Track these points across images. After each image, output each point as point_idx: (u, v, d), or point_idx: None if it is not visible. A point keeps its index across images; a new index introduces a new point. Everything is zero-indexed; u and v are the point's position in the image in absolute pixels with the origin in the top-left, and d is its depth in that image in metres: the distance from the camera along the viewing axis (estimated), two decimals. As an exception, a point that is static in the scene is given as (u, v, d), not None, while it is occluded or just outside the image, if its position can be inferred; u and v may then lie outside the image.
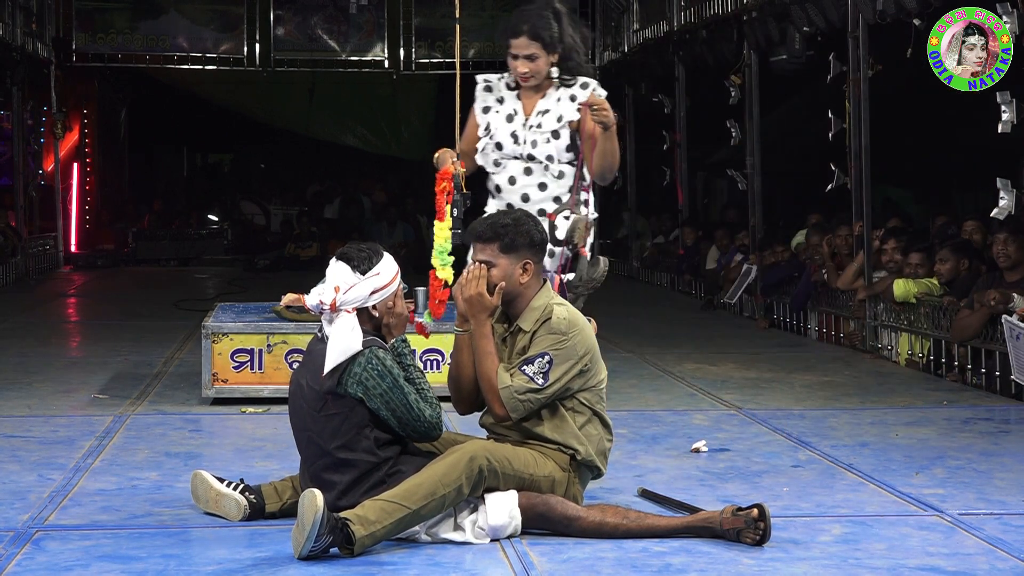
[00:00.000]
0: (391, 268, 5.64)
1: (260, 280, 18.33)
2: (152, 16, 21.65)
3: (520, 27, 6.70)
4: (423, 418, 5.49)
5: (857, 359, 11.12)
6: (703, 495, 6.22)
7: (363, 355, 5.46)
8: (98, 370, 10.20)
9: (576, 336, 5.67)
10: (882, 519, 5.91)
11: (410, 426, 5.49)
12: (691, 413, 8.57)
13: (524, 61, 6.68)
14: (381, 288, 5.58)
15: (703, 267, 16.34)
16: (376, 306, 5.59)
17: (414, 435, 5.54)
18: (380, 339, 5.60)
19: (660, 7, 18.37)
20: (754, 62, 14.44)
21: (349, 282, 5.55)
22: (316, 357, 5.57)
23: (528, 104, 6.79)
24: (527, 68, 6.68)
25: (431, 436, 5.56)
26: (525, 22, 6.71)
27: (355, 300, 5.54)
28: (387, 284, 5.61)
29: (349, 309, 5.53)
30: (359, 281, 5.55)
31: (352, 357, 5.45)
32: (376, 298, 5.58)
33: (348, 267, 5.58)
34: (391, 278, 5.62)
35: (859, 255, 11.76)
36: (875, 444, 7.52)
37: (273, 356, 8.73)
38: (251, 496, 5.77)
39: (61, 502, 6.13)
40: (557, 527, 5.51)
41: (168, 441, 7.60)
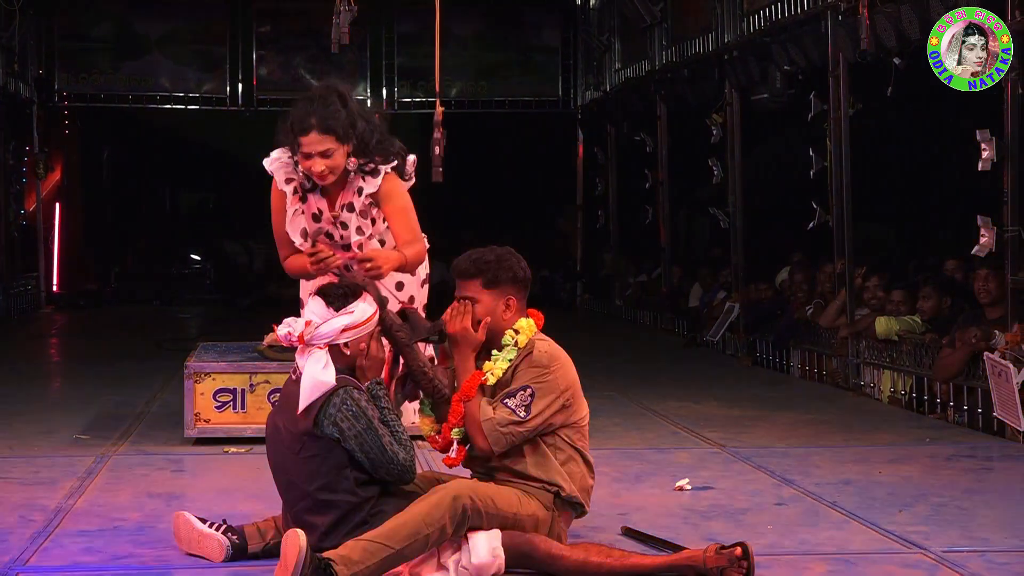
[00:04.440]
0: (367, 310, 5.62)
1: (242, 320, 18.29)
2: (134, 56, 21.66)
3: (307, 122, 6.18)
4: (396, 460, 5.47)
5: (840, 396, 11.12)
6: (687, 533, 6.22)
7: (337, 395, 5.45)
8: (80, 410, 10.16)
9: (558, 370, 5.67)
10: (866, 557, 5.90)
11: (383, 468, 5.47)
12: (674, 451, 8.57)
13: (319, 159, 6.23)
14: (353, 327, 5.57)
15: (685, 305, 16.35)
16: (348, 344, 5.58)
17: (387, 477, 5.51)
18: (354, 379, 5.59)
19: (642, 46, 18.45)
20: (735, 101, 14.48)
21: (322, 317, 5.55)
22: (291, 399, 5.56)
23: (331, 198, 6.48)
24: (323, 166, 6.26)
25: (404, 479, 5.53)
26: (311, 115, 6.18)
27: (325, 336, 5.53)
28: (360, 324, 5.59)
29: (320, 344, 5.52)
30: (331, 317, 5.55)
31: (327, 397, 5.44)
32: (348, 336, 5.57)
33: (323, 302, 5.59)
34: (365, 319, 5.61)
35: (841, 292, 11.79)
36: (858, 481, 7.51)
37: (256, 396, 8.70)
38: (234, 536, 5.75)
39: (43, 543, 6.10)
40: (541, 566, 5.49)
41: (150, 481, 7.57)
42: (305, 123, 6.17)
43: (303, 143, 6.21)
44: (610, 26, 20.33)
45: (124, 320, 19.28)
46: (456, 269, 5.79)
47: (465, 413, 5.65)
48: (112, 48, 21.67)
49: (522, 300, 5.80)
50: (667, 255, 17.81)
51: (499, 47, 22.26)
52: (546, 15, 22.40)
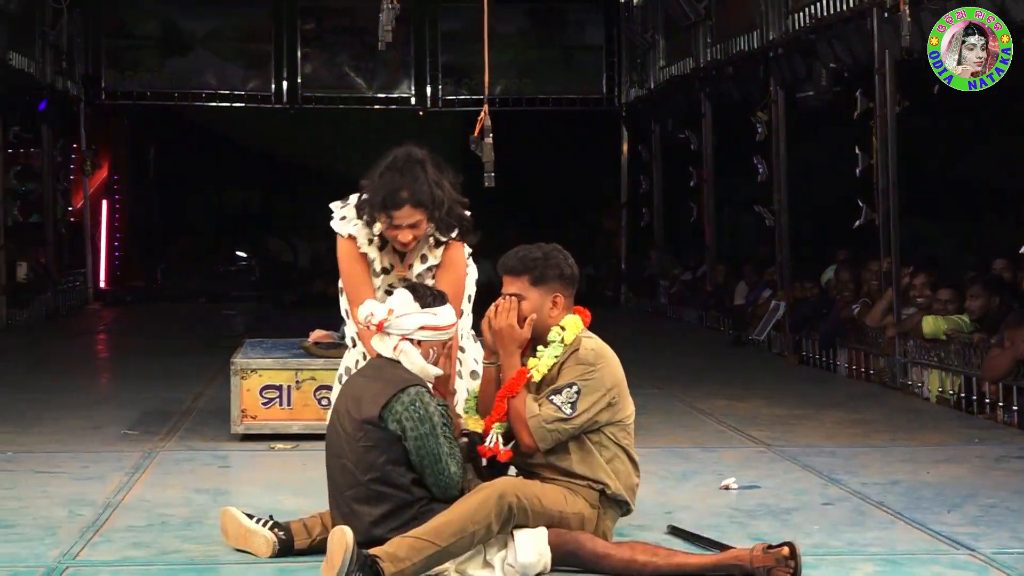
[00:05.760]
0: (449, 318, 5.66)
1: (288, 316, 18.34)
2: (180, 54, 21.78)
3: (400, 196, 6.14)
4: (448, 472, 5.47)
5: (887, 396, 11.07)
6: (733, 532, 6.20)
7: (407, 393, 5.47)
8: (128, 406, 10.22)
9: (604, 368, 5.66)
10: (914, 557, 5.87)
11: (432, 477, 5.47)
12: (720, 450, 8.54)
13: (408, 230, 6.19)
14: (432, 328, 5.61)
15: (731, 303, 16.31)
16: (420, 343, 5.60)
17: (433, 487, 5.50)
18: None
19: (686, 44, 18.41)
20: (780, 98, 14.44)
21: (405, 308, 5.58)
22: (357, 387, 5.61)
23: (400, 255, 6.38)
24: (411, 237, 6.20)
25: (448, 493, 5.50)
26: (403, 189, 6.15)
27: (404, 328, 5.57)
28: (439, 327, 5.64)
29: (398, 336, 5.54)
30: (414, 311, 5.57)
31: (396, 393, 5.46)
32: (424, 335, 5.60)
33: (410, 296, 5.63)
34: (445, 325, 5.65)
35: (888, 291, 11.73)
36: (906, 481, 7.47)
37: (301, 392, 8.73)
38: (280, 532, 5.76)
39: (91, 538, 6.13)
40: (586, 564, 5.48)
41: (197, 477, 7.60)
42: (398, 198, 6.14)
43: (395, 216, 6.17)
44: (654, 23, 20.30)
45: (170, 317, 19.38)
46: (503, 266, 5.79)
47: (510, 410, 5.65)
48: (158, 46, 21.79)
49: (569, 297, 5.79)
50: (712, 253, 17.79)
51: (543, 45, 22.26)
52: (590, 13, 22.38)
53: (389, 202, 6.14)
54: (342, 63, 22.05)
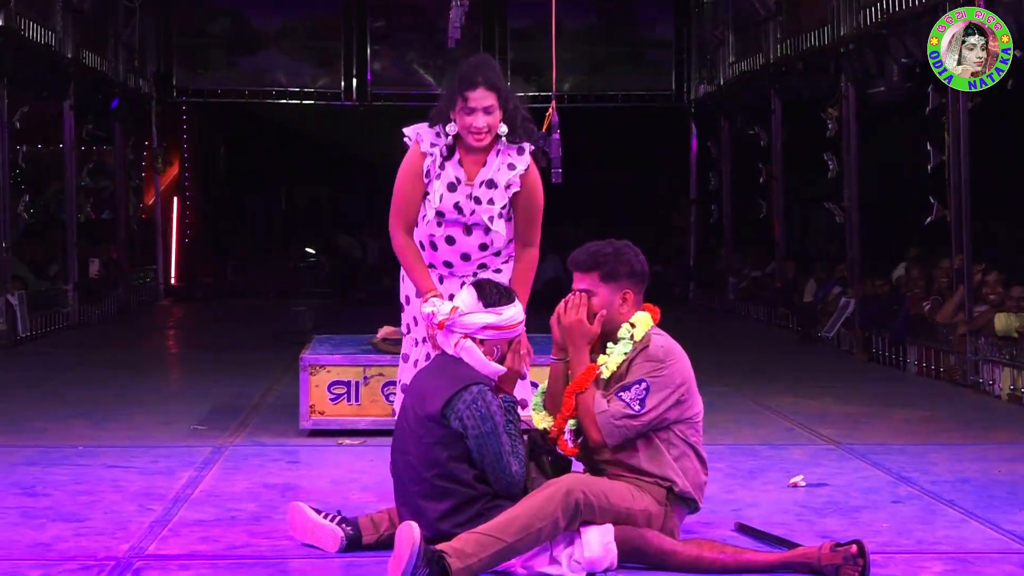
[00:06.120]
0: (515, 317, 5.66)
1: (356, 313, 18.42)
2: (251, 52, 21.91)
3: (475, 78, 6.25)
4: (509, 471, 5.47)
5: (958, 394, 10.97)
6: (801, 530, 6.16)
7: (470, 391, 5.48)
8: (197, 401, 10.29)
9: (673, 365, 5.64)
10: (985, 557, 5.81)
11: (493, 475, 5.48)
12: (789, 447, 8.49)
13: (482, 114, 6.25)
14: (496, 327, 5.61)
15: (800, 300, 16.22)
16: (484, 343, 5.61)
17: (495, 485, 5.51)
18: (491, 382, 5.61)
19: (756, 40, 18.33)
20: (851, 94, 14.34)
21: (469, 307, 5.59)
22: (422, 383, 5.63)
23: (470, 170, 6.41)
24: (485, 123, 6.26)
25: (511, 492, 5.50)
26: (478, 72, 6.27)
27: (467, 326, 5.58)
28: (503, 327, 5.63)
29: (460, 333, 5.55)
30: (478, 310, 5.58)
31: (459, 391, 5.47)
32: (488, 334, 5.60)
33: (475, 294, 5.63)
34: (511, 324, 5.64)
35: (959, 289, 11.63)
36: (977, 480, 7.40)
37: (370, 388, 8.77)
38: (348, 528, 5.78)
39: (161, 532, 6.18)
40: (653, 561, 5.47)
41: (266, 472, 7.64)
42: (473, 79, 6.27)
43: (470, 98, 6.26)
44: (724, 19, 20.23)
45: (240, 313, 19.50)
46: (573, 261, 5.78)
47: (579, 405, 5.64)
48: (229, 44, 21.93)
49: (639, 294, 5.78)
50: (781, 250, 17.70)
51: (612, 41, 22.20)
52: (659, 9, 22.31)
53: (464, 82, 6.26)
54: (411, 60, 22.10)
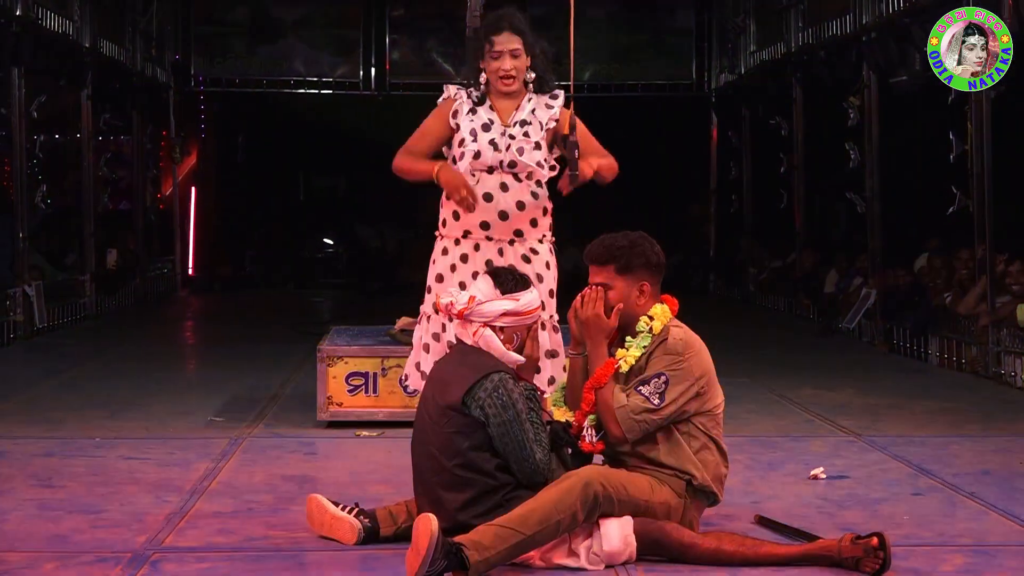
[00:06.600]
0: (532, 302, 5.63)
1: (374, 304, 18.41)
2: (270, 41, 21.87)
3: (501, 24, 6.65)
4: (532, 459, 5.44)
5: (980, 385, 10.91)
6: (821, 523, 6.13)
7: (491, 380, 5.45)
8: (215, 393, 10.28)
9: (692, 357, 5.60)
10: (1006, 548, 5.78)
11: (517, 464, 5.45)
12: (809, 439, 8.45)
13: (509, 57, 6.61)
14: (514, 314, 5.59)
15: (820, 291, 16.15)
16: (503, 330, 5.57)
17: (519, 474, 5.48)
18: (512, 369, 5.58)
19: (778, 28, 18.26)
20: (874, 83, 14.27)
21: (486, 296, 5.56)
22: (443, 372, 5.61)
23: (503, 113, 6.72)
24: (512, 65, 6.62)
25: (534, 480, 5.48)
26: (503, 20, 6.67)
27: (485, 315, 5.56)
28: (522, 313, 5.61)
29: (479, 323, 5.52)
30: (496, 298, 5.55)
31: (479, 379, 5.43)
32: (506, 321, 5.58)
33: (491, 282, 5.62)
34: (528, 310, 5.62)
35: (982, 279, 11.56)
36: (998, 472, 7.36)
37: (387, 380, 8.74)
38: (366, 520, 5.76)
39: (178, 524, 6.16)
40: (672, 554, 5.44)
41: (283, 464, 7.62)
42: (499, 24, 6.65)
43: (496, 41, 6.63)
44: (745, 8, 20.15)
45: (258, 304, 19.50)
46: (589, 255, 5.74)
47: (598, 400, 5.60)
48: (247, 33, 21.89)
49: (656, 286, 5.74)
50: (802, 240, 17.62)
51: (632, 29, 22.12)
52: (680, -3, 22.24)
53: (490, 28, 6.65)
54: (431, 49, 22.04)
